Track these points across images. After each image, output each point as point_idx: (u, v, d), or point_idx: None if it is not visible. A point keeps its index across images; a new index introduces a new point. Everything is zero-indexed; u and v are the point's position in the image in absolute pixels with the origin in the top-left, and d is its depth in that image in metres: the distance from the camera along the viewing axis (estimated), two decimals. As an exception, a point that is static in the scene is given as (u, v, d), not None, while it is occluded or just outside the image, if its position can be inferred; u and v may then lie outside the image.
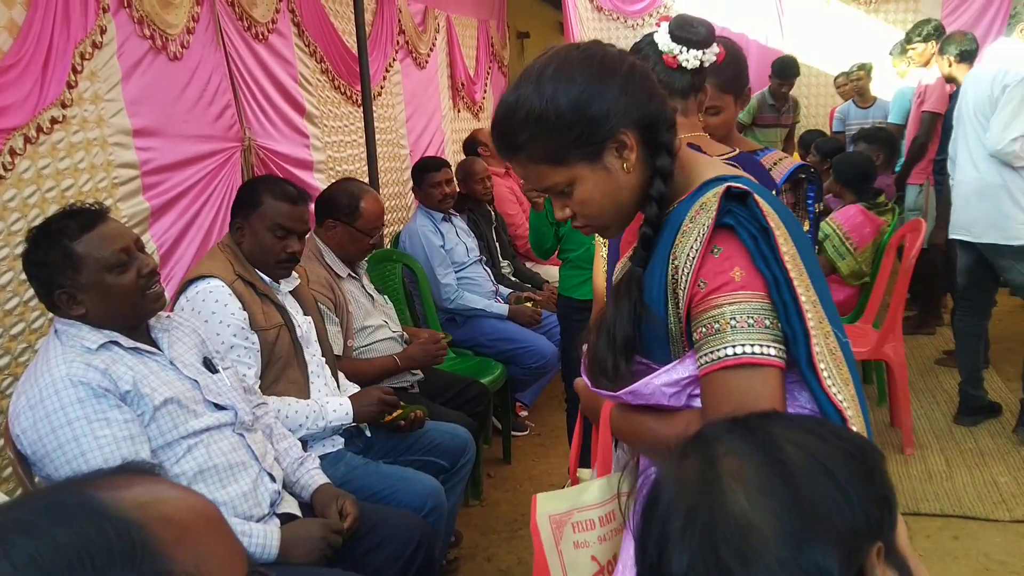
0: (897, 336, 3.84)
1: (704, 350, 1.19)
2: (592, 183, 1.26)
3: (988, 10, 6.74)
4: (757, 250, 1.19)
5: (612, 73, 1.25)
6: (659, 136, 1.28)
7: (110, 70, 2.82)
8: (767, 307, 1.18)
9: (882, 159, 5.03)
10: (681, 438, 0.94)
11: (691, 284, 1.20)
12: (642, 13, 7.55)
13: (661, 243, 1.27)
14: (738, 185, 1.23)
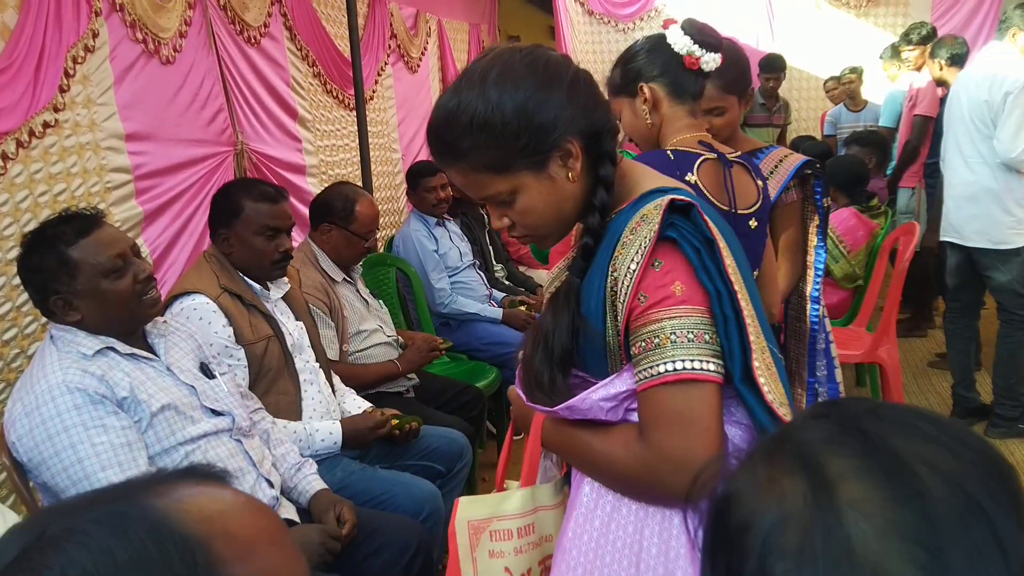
0: (891, 339, 3.85)
1: (643, 365, 1.17)
2: (536, 192, 1.23)
3: (978, 13, 6.79)
4: (701, 263, 1.17)
5: (558, 80, 1.22)
6: (602, 145, 1.26)
7: (102, 74, 2.81)
8: (707, 322, 1.17)
9: (874, 162, 5.05)
10: (759, 447, 0.75)
11: (631, 297, 1.18)
12: (633, 17, 7.57)
13: (600, 254, 1.25)
14: (681, 197, 1.22)
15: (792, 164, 2.33)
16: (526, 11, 9.01)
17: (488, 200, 1.27)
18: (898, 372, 3.84)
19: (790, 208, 2.38)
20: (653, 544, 1.22)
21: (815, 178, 2.38)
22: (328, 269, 3.02)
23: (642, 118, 1.94)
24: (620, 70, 1.96)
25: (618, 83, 1.97)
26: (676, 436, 1.14)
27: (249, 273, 2.48)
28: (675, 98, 1.93)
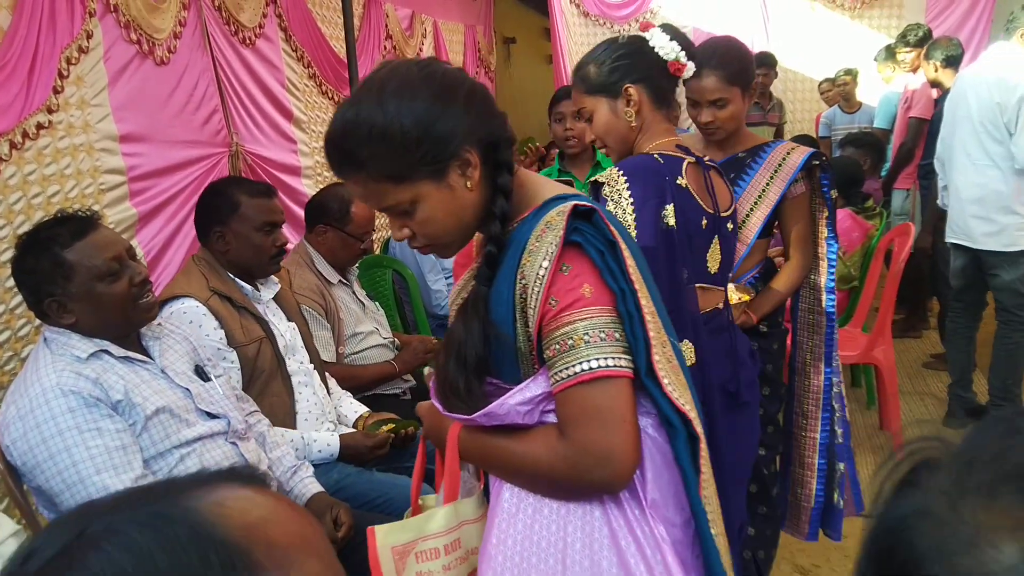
0: (886, 340, 3.85)
1: (559, 366, 1.21)
2: (436, 201, 1.25)
3: (972, 15, 6.80)
4: (605, 265, 1.22)
5: (455, 91, 1.24)
6: (499, 155, 1.29)
7: (96, 75, 2.80)
8: (615, 320, 1.22)
9: (869, 164, 5.06)
10: None
11: (542, 302, 1.21)
12: (629, 18, 7.57)
13: (506, 262, 1.27)
14: (584, 203, 1.26)
15: (799, 157, 2.36)
16: (522, 13, 9.01)
17: (388, 210, 1.28)
18: (893, 373, 3.85)
19: (798, 201, 2.41)
20: (577, 539, 1.26)
21: (822, 171, 2.41)
22: (323, 271, 3.01)
23: (624, 119, 1.91)
24: (599, 68, 1.91)
25: (595, 81, 1.92)
26: (597, 431, 1.20)
27: (247, 270, 2.47)
28: (656, 103, 1.92)
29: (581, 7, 7.63)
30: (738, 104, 2.34)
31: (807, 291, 2.57)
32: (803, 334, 2.59)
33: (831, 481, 2.61)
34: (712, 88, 2.32)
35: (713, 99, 2.32)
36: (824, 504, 2.61)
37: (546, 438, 1.25)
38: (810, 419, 2.58)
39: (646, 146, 1.92)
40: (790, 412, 2.63)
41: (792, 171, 2.35)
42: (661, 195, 1.79)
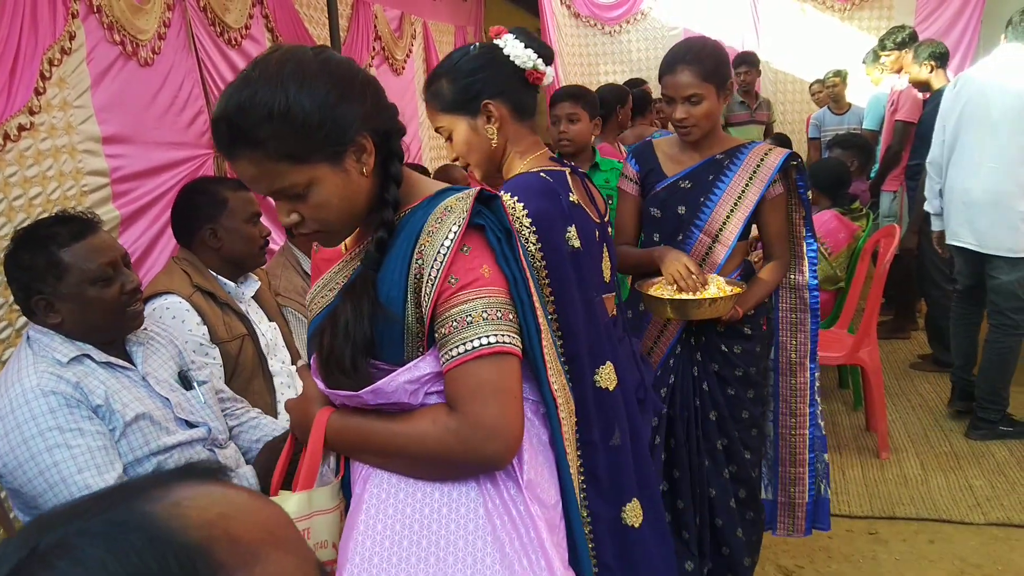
0: (872, 341, 3.86)
1: (454, 342, 1.25)
2: (332, 185, 1.26)
3: (961, 16, 6.83)
4: (501, 251, 1.29)
5: (352, 79, 1.27)
6: (391, 144, 1.33)
7: (79, 76, 2.79)
8: (509, 303, 1.28)
9: (856, 165, 5.07)
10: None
11: (441, 280, 1.25)
12: (619, 20, 7.59)
13: (394, 247, 1.31)
14: (490, 188, 1.31)
15: (776, 159, 2.38)
16: (513, 13, 9.02)
17: (280, 193, 1.26)
18: (879, 374, 3.85)
19: (776, 201, 2.44)
20: (452, 520, 1.29)
21: (797, 172, 2.44)
22: (309, 271, 3.01)
23: (485, 137, 1.79)
24: (453, 85, 1.77)
25: (450, 100, 1.78)
26: (492, 405, 1.24)
27: (240, 263, 2.48)
28: (517, 116, 1.80)
29: (572, 8, 7.64)
30: (713, 102, 2.34)
31: (787, 291, 2.59)
32: (785, 334, 2.61)
33: (817, 474, 2.65)
34: (686, 83, 2.31)
35: (687, 95, 2.32)
36: (814, 497, 2.65)
37: (433, 415, 1.27)
38: (799, 417, 2.61)
39: (518, 162, 1.82)
40: (776, 415, 2.64)
41: (770, 173, 2.37)
42: (563, 218, 1.71)
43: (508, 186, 1.73)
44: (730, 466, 2.50)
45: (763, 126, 6.68)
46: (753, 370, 2.49)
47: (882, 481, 3.56)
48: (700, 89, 2.31)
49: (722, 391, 2.47)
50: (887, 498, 3.41)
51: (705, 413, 2.47)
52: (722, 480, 2.49)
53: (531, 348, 1.30)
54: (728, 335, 2.46)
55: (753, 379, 2.49)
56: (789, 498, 2.66)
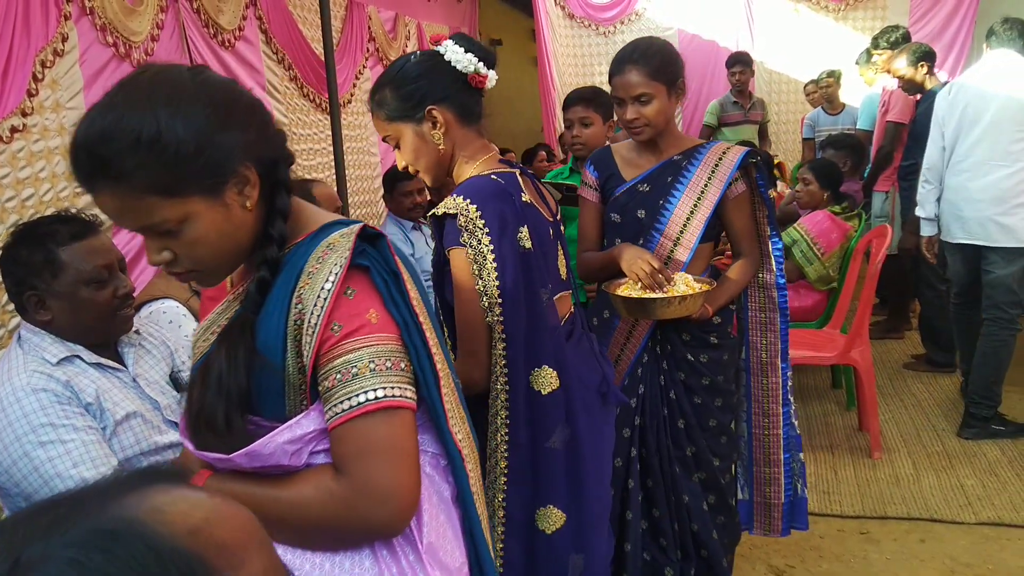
0: (864, 341, 3.87)
1: (339, 396, 1.11)
2: (210, 221, 1.12)
3: (955, 17, 6.84)
4: (389, 294, 1.16)
5: (234, 104, 1.14)
6: (278, 174, 1.20)
7: (72, 78, 2.80)
8: (401, 351, 1.15)
9: (849, 165, 5.09)
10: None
11: (322, 327, 1.12)
12: (614, 20, 7.60)
13: (276, 287, 1.17)
14: (373, 226, 1.19)
15: (735, 156, 2.36)
16: (508, 14, 9.03)
17: (149, 229, 1.12)
18: (871, 374, 3.86)
19: (739, 200, 2.40)
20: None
21: (756, 169, 2.41)
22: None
23: (432, 143, 1.79)
24: (395, 93, 1.78)
25: (395, 107, 1.79)
26: (383, 466, 1.11)
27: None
28: (463, 120, 1.81)
29: (566, 9, 7.65)
30: (663, 101, 2.30)
31: (755, 290, 2.56)
32: (755, 335, 2.58)
33: (793, 473, 2.65)
34: (634, 83, 2.28)
35: (636, 94, 2.29)
36: (791, 497, 2.65)
37: (318, 479, 1.14)
38: (772, 416, 2.59)
39: (468, 166, 1.83)
40: (749, 415, 2.63)
41: (729, 171, 2.34)
42: (516, 219, 1.73)
43: (460, 190, 1.74)
44: (699, 472, 2.48)
45: (757, 126, 6.70)
46: (720, 378, 2.46)
47: (874, 481, 3.57)
48: (649, 88, 2.27)
49: (689, 400, 2.44)
50: (879, 498, 3.42)
51: (673, 421, 2.45)
52: (693, 485, 2.48)
53: (429, 397, 1.18)
54: (694, 344, 2.43)
55: (720, 387, 2.46)
56: (765, 498, 2.65)
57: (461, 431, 1.25)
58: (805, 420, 4.23)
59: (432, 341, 1.19)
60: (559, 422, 1.75)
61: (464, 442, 1.25)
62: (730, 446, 2.54)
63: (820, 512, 3.31)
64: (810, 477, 3.60)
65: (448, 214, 1.71)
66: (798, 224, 4.29)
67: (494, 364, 1.73)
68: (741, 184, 2.39)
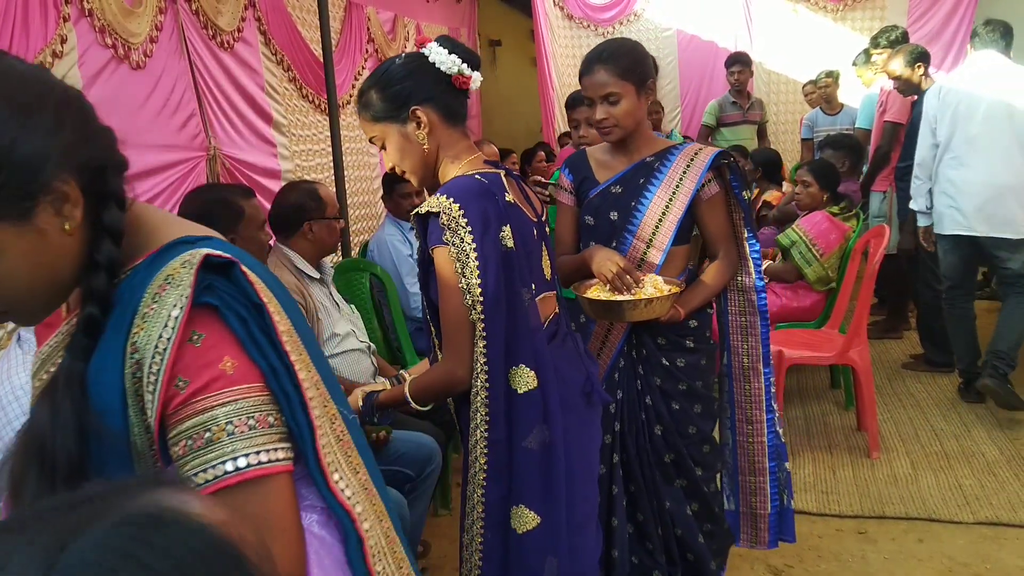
0: (862, 340, 3.87)
1: (193, 467, 0.92)
2: (19, 252, 0.90)
3: (954, 17, 6.85)
4: (248, 335, 0.96)
5: (42, 100, 0.92)
6: (107, 183, 0.97)
7: (71, 80, 2.79)
8: (268, 400, 0.96)
9: (847, 165, 5.09)
10: None
11: (165, 384, 0.92)
12: (612, 21, 7.60)
13: (110, 326, 0.96)
14: (218, 252, 0.97)
15: (707, 157, 2.34)
16: (507, 15, 9.03)
17: None
18: (869, 373, 3.87)
19: (713, 201, 2.38)
20: None
21: (730, 171, 2.39)
22: (304, 268, 3.02)
23: (417, 144, 1.81)
24: (380, 94, 1.81)
25: (379, 108, 1.81)
26: None
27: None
28: (447, 121, 1.83)
29: (565, 10, 7.66)
30: (632, 101, 2.27)
31: (735, 294, 2.52)
32: (736, 338, 2.54)
33: (780, 483, 2.59)
34: (602, 82, 2.26)
35: (604, 94, 2.26)
36: (777, 508, 2.60)
37: None
38: (755, 423, 2.54)
39: (453, 166, 1.84)
40: (732, 422, 2.58)
41: (700, 171, 2.32)
42: (498, 218, 1.74)
43: (444, 189, 1.75)
44: (680, 479, 2.44)
45: (755, 126, 6.71)
46: (699, 384, 2.42)
47: (872, 480, 3.58)
48: (617, 87, 2.25)
49: (666, 405, 2.41)
50: (877, 497, 3.43)
51: (651, 427, 2.42)
52: (674, 490, 2.44)
53: (304, 452, 0.99)
54: (670, 348, 2.40)
55: (699, 393, 2.42)
56: (751, 508, 2.60)
57: (352, 484, 1.06)
58: (803, 420, 4.24)
59: (309, 383, 1.00)
60: (536, 422, 1.76)
61: (357, 497, 1.06)
62: (713, 455, 2.51)
63: (818, 512, 3.32)
64: (808, 477, 3.62)
65: (431, 212, 1.72)
66: (796, 225, 4.30)
67: (475, 361, 1.74)
68: (715, 185, 2.37)
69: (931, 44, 6.80)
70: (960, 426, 4.08)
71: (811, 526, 3.22)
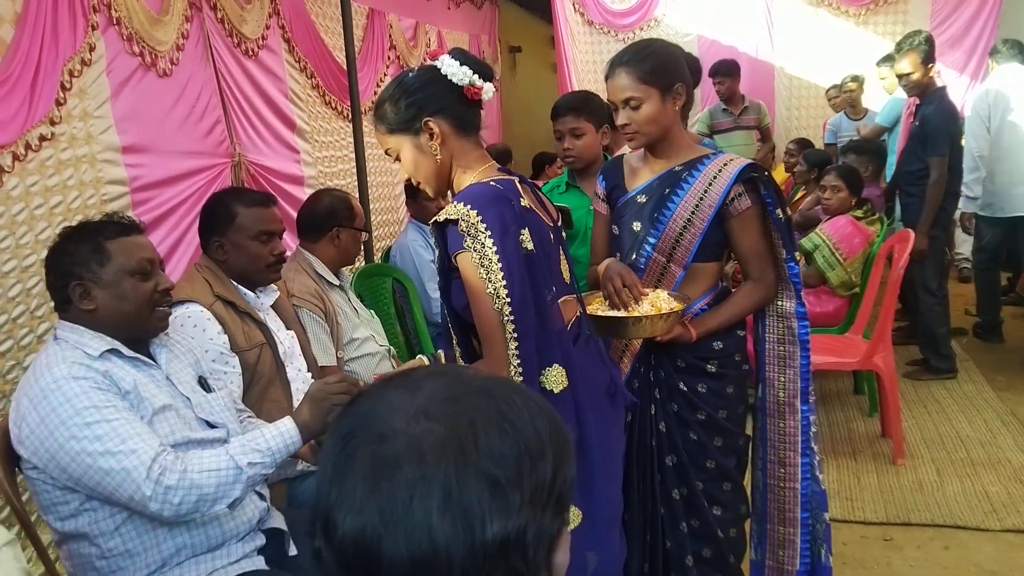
0: (887, 346, 3.85)
1: None
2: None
3: (977, 20, 6.80)
4: None
5: None
6: None
7: (99, 87, 2.84)
8: None
9: (870, 170, 5.06)
10: None
11: None
12: (632, 27, 7.60)
13: None
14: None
15: (734, 169, 2.18)
16: (527, 21, 9.05)
17: None
18: (894, 379, 3.84)
19: (744, 217, 2.21)
20: None
21: (764, 185, 2.20)
22: (324, 274, 3.04)
23: (430, 154, 1.83)
24: (395, 107, 1.83)
25: (393, 120, 1.85)
26: None
27: (244, 279, 2.49)
28: (460, 131, 1.84)
29: (585, 16, 7.66)
30: (656, 106, 2.15)
31: (774, 319, 2.31)
32: (773, 369, 2.32)
33: (816, 536, 2.36)
34: (623, 86, 2.16)
35: (624, 98, 2.16)
36: (811, 563, 2.36)
37: None
38: (788, 467, 2.31)
39: (467, 176, 1.86)
40: (764, 462, 2.37)
41: (726, 183, 2.16)
42: (516, 222, 1.75)
43: (460, 197, 1.77)
44: (691, 520, 2.27)
45: (752, 131, 6.56)
46: (722, 414, 2.25)
47: (897, 487, 3.55)
48: (638, 92, 2.14)
49: (682, 435, 2.25)
50: (902, 504, 3.40)
51: (662, 458, 2.26)
52: (679, 534, 2.27)
53: None
54: (689, 372, 2.24)
55: (721, 425, 2.25)
56: (777, 562, 2.37)
57: None
58: (827, 427, 4.21)
59: None
60: (569, 422, 1.77)
61: None
62: (734, 495, 2.32)
63: (843, 519, 3.29)
64: (833, 484, 3.59)
65: (450, 220, 1.73)
66: (820, 229, 4.28)
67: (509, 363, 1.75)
68: (746, 200, 2.19)
69: (954, 48, 6.76)
70: (986, 432, 4.04)
71: (836, 533, 3.17)
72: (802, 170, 5.66)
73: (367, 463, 0.72)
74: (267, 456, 1.81)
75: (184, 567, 1.85)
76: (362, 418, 0.77)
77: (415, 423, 0.73)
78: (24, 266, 2.53)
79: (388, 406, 0.76)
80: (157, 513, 1.69)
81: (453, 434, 0.72)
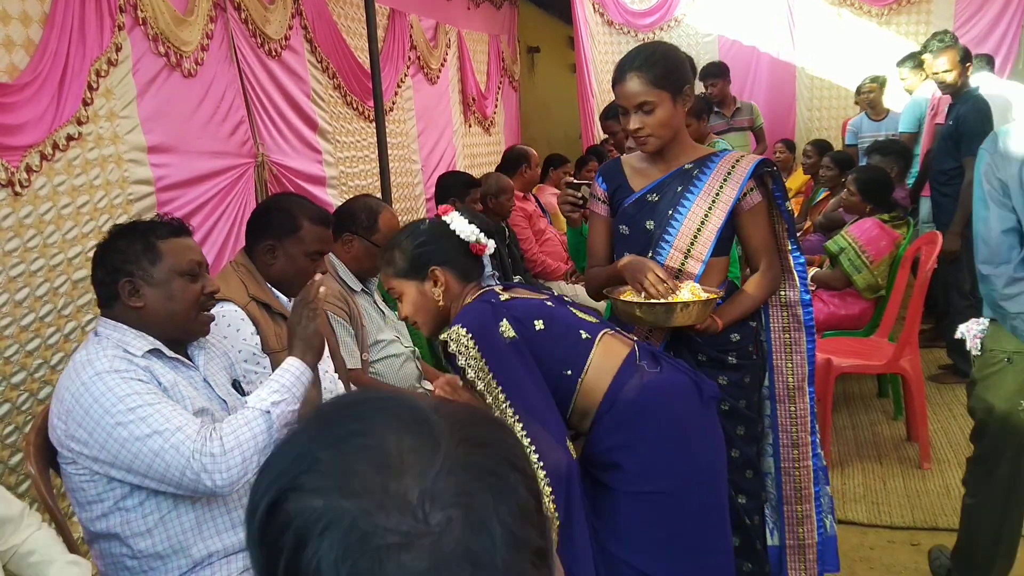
0: (913, 349, 3.80)
1: None
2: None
3: (1001, 20, 6.73)
4: None
5: None
6: None
7: (125, 87, 2.85)
8: None
9: (896, 172, 5.01)
10: None
11: None
12: (652, 27, 7.56)
13: None
14: None
15: (747, 165, 2.24)
16: (546, 22, 9.03)
17: None
18: (921, 382, 3.80)
19: (755, 211, 2.29)
20: None
21: (773, 180, 2.29)
22: (347, 279, 3.03)
23: (432, 298, 2.01)
24: (405, 255, 2.01)
25: (404, 267, 2.02)
26: None
27: (281, 285, 2.48)
28: (461, 279, 2.01)
29: (605, 16, 7.63)
30: (668, 109, 2.19)
31: (778, 309, 2.39)
32: (780, 357, 2.40)
33: (823, 508, 2.46)
34: (635, 91, 2.18)
35: (637, 103, 2.19)
36: (822, 535, 2.46)
37: None
38: (801, 447, 2.40)
39: (460, 306, 2.01)
40: (776, 448, 2.43)
41: (742, 178, 2.23)
42: (494, 317, 1.87)
43: (455, 321, 1.91)
44: None
45: (744, 132, 6.49)
46: (743, 403, 2.31)
47: (924, 492, 3.51)
48: (651, 96, 2.17)
49: None
50: (929, 509, 3.36)
51: None
52: None
53: None
54: (711, 366, 2.28)
55: (742, 414, 2.31)
56: (798, 539, 2.44)
57: None
58: (852, 430, 4.17)
59: None
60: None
61: None
62: (757, 482, 2.39)
63: (870, 523, 3.26)
64: (858, 488, 3.56)
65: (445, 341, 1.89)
66: (846, 232, 4.24)
67: None
68: (757, 194, 2.28)
69: (978, 47, 6.68)
70: (1014, 437, 3.98)
71: (862, 537, 3.16)
72: (831, 173, 5.59)
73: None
74: (286, 392, 1.88)
75: (215, 566, 1.85)
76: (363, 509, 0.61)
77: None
78: (51, 265, 2.54)
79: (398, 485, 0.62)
80: (211, 488, 1.71)
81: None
